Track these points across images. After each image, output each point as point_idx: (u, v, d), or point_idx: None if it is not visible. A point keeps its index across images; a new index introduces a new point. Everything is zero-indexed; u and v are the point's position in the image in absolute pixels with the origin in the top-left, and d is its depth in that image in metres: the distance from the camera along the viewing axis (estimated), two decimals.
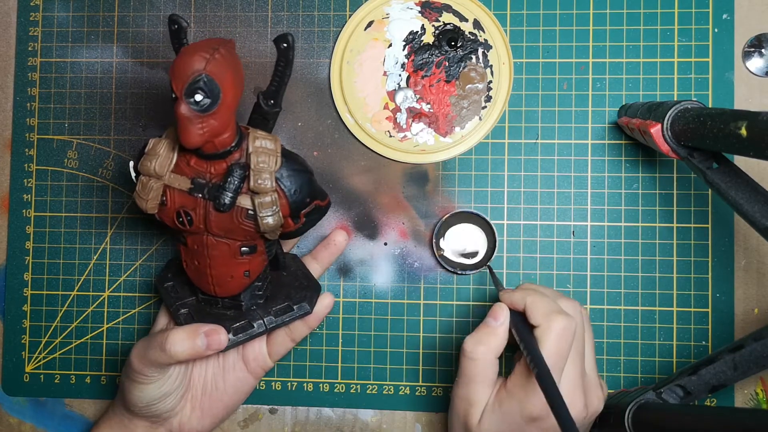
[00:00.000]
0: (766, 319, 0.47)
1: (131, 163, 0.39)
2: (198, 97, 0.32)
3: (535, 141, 0.49)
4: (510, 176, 0.49)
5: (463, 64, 0.48)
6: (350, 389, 0.49)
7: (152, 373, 0.40)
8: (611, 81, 0.49)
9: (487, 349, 0.38)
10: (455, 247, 0.49)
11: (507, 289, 0.42)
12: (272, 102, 0.38)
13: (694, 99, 0.44)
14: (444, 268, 0.49)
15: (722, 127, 0.34)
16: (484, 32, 0.49)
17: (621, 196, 0.48)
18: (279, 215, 0.37)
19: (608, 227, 0.48)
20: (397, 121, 0.49)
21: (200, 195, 0.37)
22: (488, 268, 0.47)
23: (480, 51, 0.49)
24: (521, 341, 0.37)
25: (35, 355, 0.51)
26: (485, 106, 0.48)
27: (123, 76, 0.51)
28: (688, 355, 0.48)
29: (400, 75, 0.49)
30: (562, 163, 0.49)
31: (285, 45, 0.36)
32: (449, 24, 0.49)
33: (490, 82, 0.48)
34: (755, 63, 0.48)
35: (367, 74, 0.49)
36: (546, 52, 0.49)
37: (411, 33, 0.49)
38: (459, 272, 0.48)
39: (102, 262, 0.51)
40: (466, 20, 0.49)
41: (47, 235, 0.51)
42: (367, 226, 0.50)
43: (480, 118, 0.49)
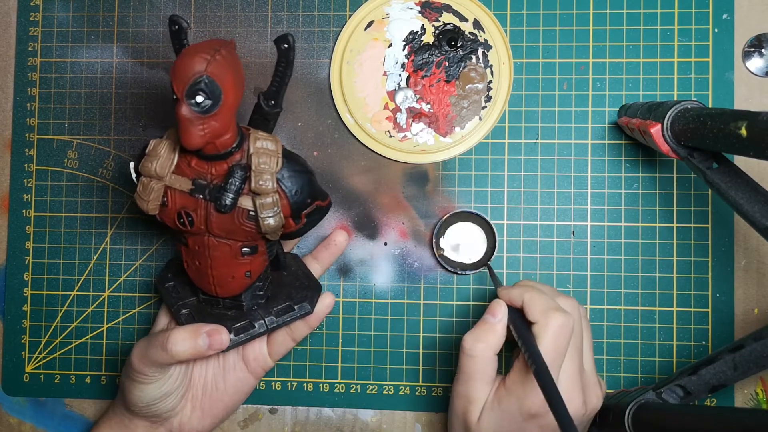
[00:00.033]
0: (766, 319, 0.47)
1: (132, 164, 0.39)
2: (199, 98, 0.32)
3: (535, 141, 0.49)
4: (510, 176, 0.49)
5: (463, 64, 0.48)
6: (350, 389, 0.49)
7: (153, 373, 0.40)
8: (611, 81, 0.49)
9: (485, 346, 0.38)
10: (454, 241, 0.49)
11: (505, 286, 0.42)
12: (273, 102, 0.38)
13: (694, 99, 0.44)
14: (444, 268, 0.49)
15: (722, 127, 0.34)
16: (484, 32, 0.49)
17: (621, 196, 0.48)
18: (280, 216, 0.37)
19: (608, 227, 0.48)
20: (397, 121, 0.49)
21: (201, 196, 0.37)
22: (488, 267, 0.47)
23: (480, 51, 0.49)
24: (519, 338, 0.37)
25: (35, 355, 0.51)
26: (485, 106, 0.48)
27: (123, 76, 0.51)
28: (688, 355, 0.48)
29: (400, 75, 0.49)
30: (562, 163, 0.49)
31: (285, 46, 0.36)
32: (449, 24, 0.49)
33: (490, 82, 0.48)
34: (755, 63, 0.48)
35: (367, 74, 0.49)
36: (546, 52, 0.49)
37: (411, 33, 0.49)
38: (459, 272, 0.48)
39: (102, 262, 0.51)
40: (466, 20, 0.49)
41: (47, 235, 0.51)
42: (367, 226, 0.50)
43: (480, 118, 0.49)
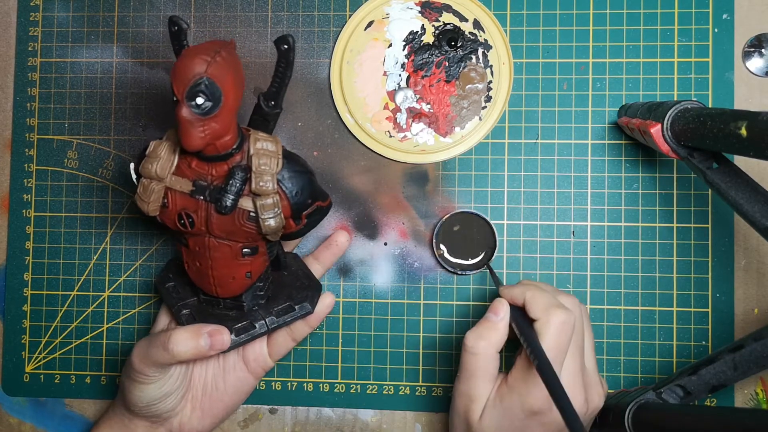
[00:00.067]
0: (766, 319, 0.47)
1: (132, 165, 0.39)
2: (199, 100, 0.32)
3: (535, 141, 0.49)
4: (510, 176, 0.49)
5: (463, 64, 0.48)
6: (350, 389, 0.49)
7: (153, 373, 0.40)
8: (611, 81, 0.49)
9: (487, 344, 0.39)
10: (452, 237, 0.49)
11: (507, 285, 0.42)
12: (273, 103, 0.38)
13: (694, 99, 0.44)
14: (444, 268, 0.49)
15: (722, 127, 0.34)
16: (484, 32, 0.49)
17: (621, 196, 0.48)
18: (281, 217, 0.37)
19: (608, 227, 0.48)
20: (397, 121, 0.49)
21: (202, 197, 0.37)
22: (488, 266, 0.47)
23: (480, 51, 0.49)
24: (521, 335, 0.38)
25: (35, 355, 0.51)
26: (485, 106, 0.48)
27: (123, 76, 0.51)
28: (688, 355, 0.48)
29: (400, 75, 0.49)
30: (562, 163, 0.49)
31: (286, 46, 0.36)
32: (449, 24, 0.49)
33: (490, 82, 0.48)
34: (755, 63, 0.48)
35: (367, 74, 0.49)
36: (546, 52, 0.49)
37: (411, 33, 0.49)
38: (459, 272, 0.48)
39: (102, 262, 0.51)
40: (466, 20, 0.49)
41: (47, 235, 0.51)
42: (367, 226, 0.50)
43: (480, 118, 0.49)
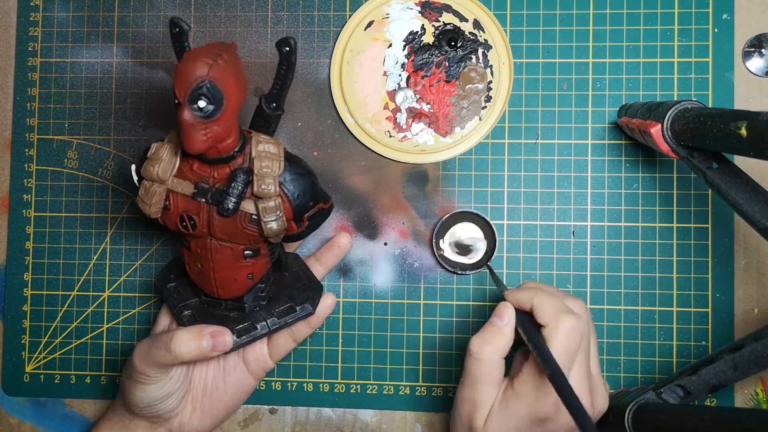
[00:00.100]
0: (766, 319, 0.47)
1: (133, 167, 0.39)
2: (201, 103, 0.32)
3: (535, 141, 0.49)
4: (510, 176, 0.49)
5: (463, 64, 0.48)
6: (350, 389, 0.49)
7: (155, 374, 0.40)
8: (611, 81, 0.49)
9: (493, 350, 0.38)
10: (454, 240, 0.49)
11: (511, 288, 0.42)
12: (274, 105, 0.38)
13: (694, 99, 0.44)
14: (444, 268, 0.49)
15: (722, 127, 0.34)
16: (484, 32, 0.49)
17: (621, 196, 0.48)
18: (282, 220, 0.37)
19: (608, 227, 0.48)
20: (397, 121, 0.49)
21: (203, 200, 0.37)
22: (488, 267, 0.47)
23: (480, 51, 0.49)
24: (530, 341, 0.37)
25: (35, 355, 0.51)
26: (485, 106, 0.48)
27: (123, 76, 0.51)
28: (688, 355, 0.48)
29: (400, 75, 0.49)
30: (562, 163, 0.49)
31: (287, 49, 0.35)
32: (449, 24, 0.49)
33: (490, 82, 0.48)
34: (755, 63, 0.48)
35: (367, 74, 0.49)
36: (546, 52, 0.49)
37: (411, 33, 0.49)
38: (459, 272, 0.48)
39: (102, 262, 0.51)
40: (466, 20, 0.49)
41: (47, 235, 0.51)
42: (367, 226, 0.50)
43: (480, 118, 0.49)
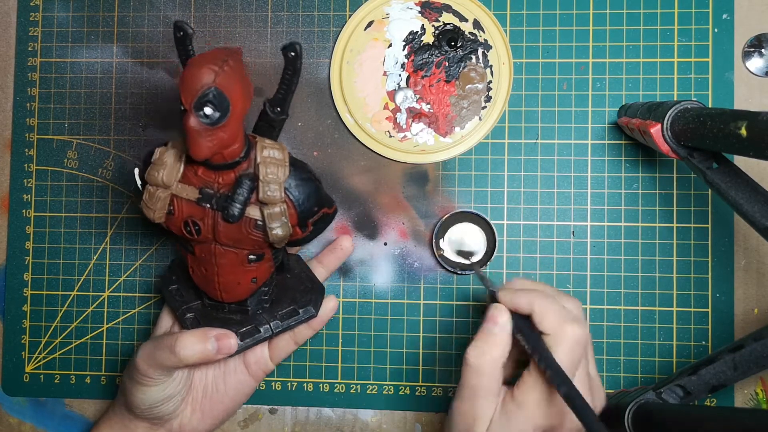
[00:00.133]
0: (766, 319, 0.47)
1: (136, 171, 0.39)
2: (207, 110, 0.32)
3: (535, 141, 0.49)
4: (510, 176, 0.49)
5: (463, 64, 0.48)
6: (350, 389, 0.49)
7: (158, 376, 0.40)
8: (611, 81, 0.49)
9: (492, 359, 0.36)
10: (454, 243, 0.49)
11: (505, 288, 0.39)
12: (279, 109, 0.38)
13: (694, 99, 0.44)
14: (444, 268, 0.49)
15: (722, 127, 0.34)
16: (484, 32, 0.49)
17: (621, 196, 0.48)
18: (288, 225, 0.37)
19: (608, 227, 0.48)
20: (397, 121, 0.49)
21: (208, 205, 0.37)
22: (474, 268, 0.45)
23: (480, 51, 0.49)
24: (531, 350, 0.35)
25: (35, 355, 0.51)
26: (485, 106, 0.48)
27: (123, 76, 0.51)
28: (688, 355, 0.48)
29: (400, 75, 0.49)
30: (562, 163, 0.49)
31: (293, 54, 0.35)
32: (449, 24, 0.49)
33: (490, 82, 0.48)
34: (755, 63, 0.48)
35: (367, 74, 0.49)
36: (546, 52, 0.49)
37: (411, 33, 0.49)
38: (459, 272, 0.48)
39: (102, 262, 0.51)
40: (466, 20, 0.49)
41: (47, 235, 0.51)
42: (367, 226, 0.50)
43: (480, 118, 0.49)
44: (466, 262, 0.49)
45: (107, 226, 0.51)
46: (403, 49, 0.49)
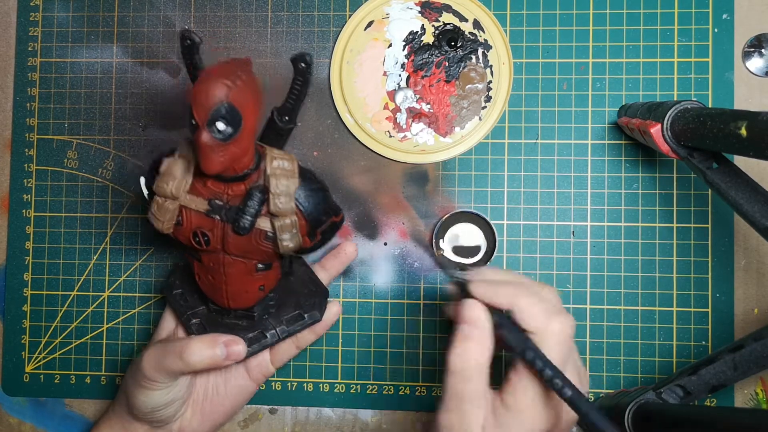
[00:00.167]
0: (766, 319, 0.47)
1: (142, 179, 0.38)
2: (220, 126, 0.31)
3: (535, 141, 0.49)
4: (510, 176, 0.49)
5: (463, 64, 0.48)
6: (350, 389, 0.49)
7: (164, 381, 0.40)
8: (611, 81, 0.49)
9: (477, 362, 0.33)
10: (454, 241, 0.49)
11: (478, 280, 0.35)
12: (287, 118, 0.38)
13: (694, 99, 0.44)
14: (441, 268, 0.49)
15: (722, 127, 0.34)
16: (484, 32, 0.49)
17: (621, 196, 0.48)
18: (298, 237, 0.37)
19: (608, 227, 0.48)
20: (397, 121, 0.49)
21: (218, 217, 0.36)
22: (434, 255, 0.42)
23: (480, 51, 0.49)
24: (519, 349, 0.33)
25: (35, 355, 0.51)
26: (485, 106, 0.48)
27: (123, 76, 0.51)
28: (688, 355, 0.48)
29: (400, 75, 0.49)
30: (562, 163, 0.49)
31: (303, 64, 0.35)
32: (449, 24, 0.49)
33: (490, 82, 0.48)
34: (755, 63, 0.48)
35: (367, 74, 0.49)
36: (546, 52, 0.49)
37: (411, 33, 0.49)
38: (451, 274, 0.48)
39: (102, 262, 0.51)
40: (466, 20, 0.49)
41: (47, 235, 0.51)
42: (367, 226, 0.50)
43: (480, 118, 0.49)
44: (467, 261, 0.49)
45: (107, 226, 0.51)
46: (403, 49, 0.49)
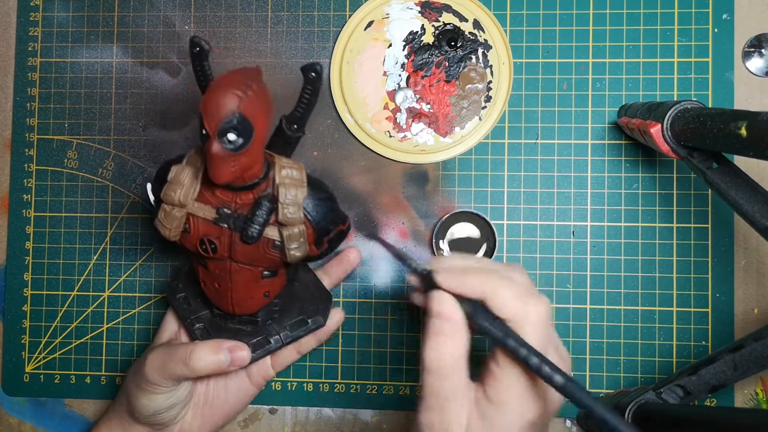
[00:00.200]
0: (766, 319, 0.47)
1: (149, 186, 0.38)
2: (231, 136, 0.31)
3: (535, 141, 0.49)
4: (510, 176, 0.49)
5: (463, 64, 0.48)
6: (350, 389, 0.49)
7: (168, 385, 0.40)
8: (611, 81, 0.49)
9: (453, 357, 0.31)
10: (452, 237, 0.48)
11: (442, 270, 0.32)
12: (296, 126, 0.38)
13: (694, 99, 0.44)
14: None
15: (722, 127, 0.34)
16: (484, 32, 0.49)
17: (621, 196, 0.48)
18: (306, 245, 0.37)
19: (608, 227, 0.48)
20: (397, 121, 0.49)
21: (226, 225, 0.36)
22: (380, 240, 0.40)
23: (480, 51, 0.49)
24: (498, 338, 0.30)
25: (35, 355, 0.51)
26: (485, 106, 0.48)
27: (123, 76, 0.51)
28: (688, 355, 0.48)
29: (400, 75, 0.49)
30: (562, 163, 0.49)
31: (314, 74, 0.35)
32: (449, 24, 0.49)
33: (490, 82, 0.48)
34: (755, 63, 0.48)
35: (367, 74, 0.49)
36: (546, 52, 0.49)
37: (411, 33, 0.49)
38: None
39: (102, 262, 0.51)
40: (466, 20, 0.49)
41: (47, 235, 0.51)
42: (367, 226, 0.50)
43: (480, 118, 0.49)
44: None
45: (107, 226, 0.51)
46: (403, 49, 0.49)
